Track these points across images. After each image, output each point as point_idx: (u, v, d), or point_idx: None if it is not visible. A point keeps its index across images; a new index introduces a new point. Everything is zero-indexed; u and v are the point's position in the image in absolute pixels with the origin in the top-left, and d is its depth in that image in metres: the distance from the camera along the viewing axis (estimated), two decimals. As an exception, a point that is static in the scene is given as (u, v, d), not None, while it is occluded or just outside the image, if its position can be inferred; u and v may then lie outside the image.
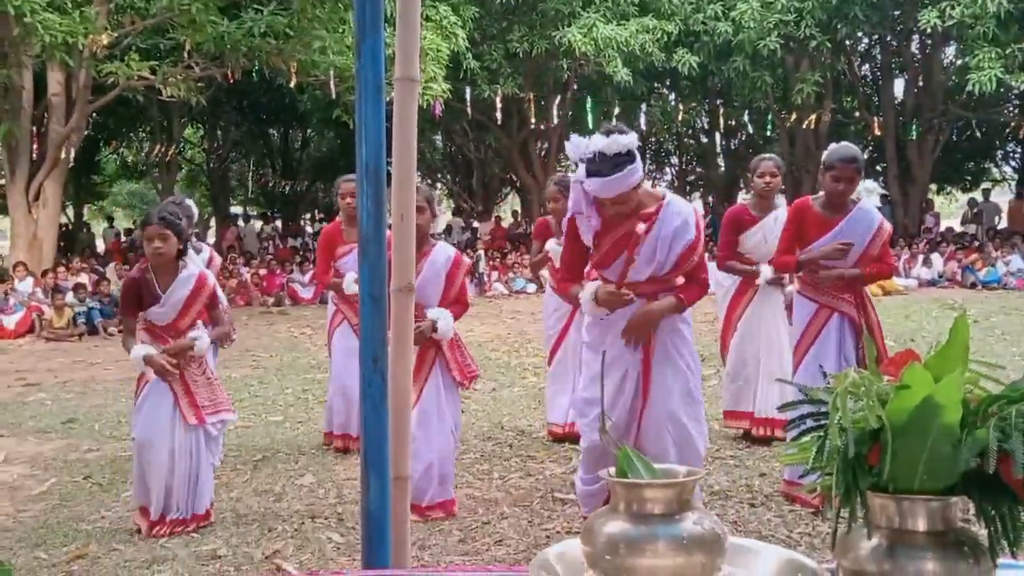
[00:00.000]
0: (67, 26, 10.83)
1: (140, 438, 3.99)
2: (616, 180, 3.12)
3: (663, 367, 3.36)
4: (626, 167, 3.11)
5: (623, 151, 3.10)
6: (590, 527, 1.06)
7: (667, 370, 3.37)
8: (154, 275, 3.98)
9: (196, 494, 4.01)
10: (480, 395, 6.78)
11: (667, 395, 3.35)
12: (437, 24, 13.24)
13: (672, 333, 3.39)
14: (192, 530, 3.97)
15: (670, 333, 3.38)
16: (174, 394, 3.96)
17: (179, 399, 3.96)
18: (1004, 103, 19.86)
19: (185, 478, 3.98)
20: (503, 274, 16.05)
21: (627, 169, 3.11)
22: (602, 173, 3.11)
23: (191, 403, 3.97)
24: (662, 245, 3.28)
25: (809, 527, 3.83)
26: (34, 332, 11.54)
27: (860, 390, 1.02)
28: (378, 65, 2.13)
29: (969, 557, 0.98)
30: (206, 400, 4.01)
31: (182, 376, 3.97)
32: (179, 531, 3.94)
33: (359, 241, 2.19)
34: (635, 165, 3.15)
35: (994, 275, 14.94)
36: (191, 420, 3.96)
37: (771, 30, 15.69)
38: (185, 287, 3.98)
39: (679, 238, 3.29)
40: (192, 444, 4.00)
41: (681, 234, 3.29)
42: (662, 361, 3.36)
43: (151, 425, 3.96)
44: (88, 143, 19.65)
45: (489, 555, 3.61)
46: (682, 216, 3.31)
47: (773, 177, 5.14)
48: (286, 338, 10.67)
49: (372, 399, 2.13)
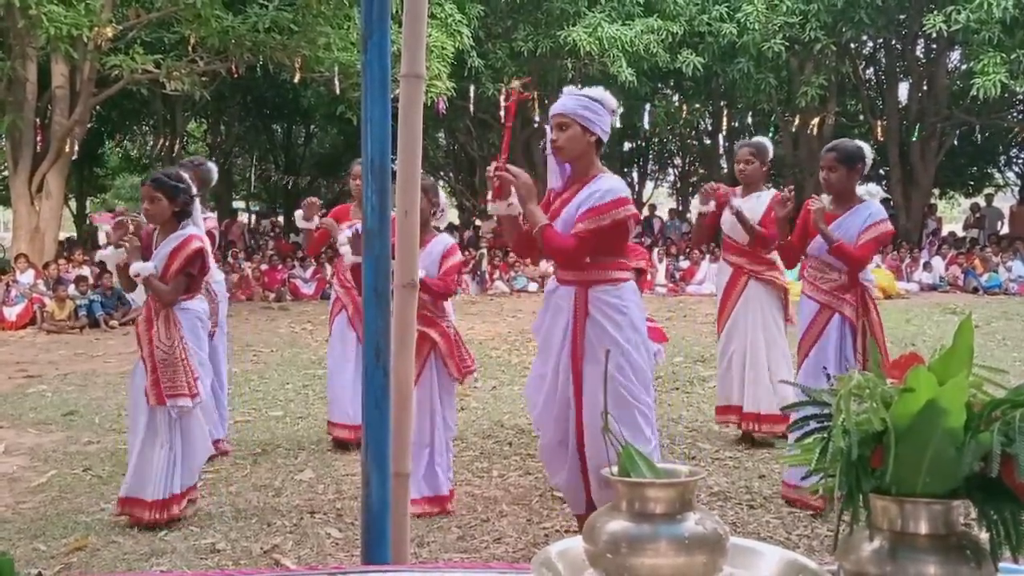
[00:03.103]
0: (72, 19, 10.83)
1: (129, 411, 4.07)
2: (572, 99, 3.30)
3: (593, 364, 3.22)
4: (586, 99, 3.30)
5: (598, 96, 3.33)
6: (592, 525, 1.06)
7: (594, 370, 3.21)
8: (157, 234, 4.11)
9: (170, 475, 3.94)
10: (480, 393, 6.78)
11: (595, 395, 3.21)
12: (442, 22, 13.24)
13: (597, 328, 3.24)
14: (181, 510, 3.97)
15: (594, 326, 3.25)
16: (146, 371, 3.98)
17: (147, 376, 3.96)
18: (1008, 108, 19.83)
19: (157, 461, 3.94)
20: (505, 272, 16.06)
21: (586, 101, 3.30)
22: (567, 94, 3.35)
23: (154, 382, 3.93)
24: (570, 208, 3.31)
25: (808, 529, 3.84)
26: (35, 324, 11.55)
27: (864, 392, 1.02)
28: (384, 61, 2.13)
29: (971, 561, 0.98)
30: (167, 381, 3.93)
31: (151, 354, 3.94)
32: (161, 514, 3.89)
33: (363, 236, 2.20)
34: (596, 107, 3.30)
35: (996, 280, 14.94)
36: (151, 400, 3.93)
37: (776, 32, 15.68)
38: (170, 244, 4.00)
39: (585, 204, 3.28)
40: (159, 423, 3.96)
41: (586, 202, 3.28)
42: (591, 360, 3.23)
43: (133, 405, 4.03)
44: (92, 136, 19.65)
45: (488, 553, 3.61)
46: (600, 189, 3.27)
47: (748, 163, 5.18)
48: (287, 333, 10.67)
49: (374, 394, 2.13)
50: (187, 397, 3.94)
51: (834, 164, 4.11)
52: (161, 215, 3.99)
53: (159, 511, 3.91)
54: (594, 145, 3.34)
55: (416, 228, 2.38)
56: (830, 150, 4.17)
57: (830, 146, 4.22)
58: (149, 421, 3.96)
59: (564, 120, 3.29)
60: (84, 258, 13.94)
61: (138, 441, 3.97)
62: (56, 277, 12.21)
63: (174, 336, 3.96)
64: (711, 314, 5.38)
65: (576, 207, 3.28)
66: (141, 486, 3.92)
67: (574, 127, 3.29)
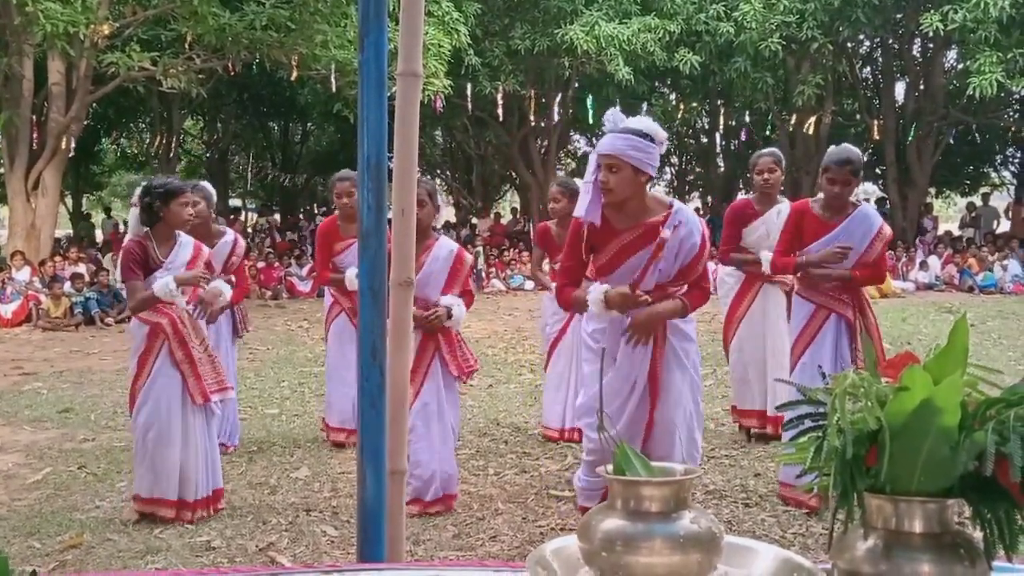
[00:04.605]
0: (68, 15, 10.80)
1: (148, 423, 3.96)
2: (622, 139, 3.14)
3: (672, 370, 3.36)
4: (636, 139, 3.13)
5: (645, 130, 3.17)
6: (587, 523, 1.06)
7: (676, 373, 3.37)
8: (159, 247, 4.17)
9: (213, 471, 4.10)
10: (477, 391, 6.78)
11: (679, 396, 3.36)
12: (439, 20, 13.22)
13: (677, 334, 3.39)
14: (217, 510, 4.07)
15: (675, 334, 3.38)
16: (182, 374, 3.98)
17: (187, 379, 3.98)
18: (1005, 108, 19.85)
19: (202, 457, 4.02)
20: (501, 271, 16.06)
21: (636, 141, 3.13)
22: (614, 132, 3.17)
23: (197, 382, 3.99)
24: (668, 254, 3.24)
25: (803, 528, 3.84)
26: (31, 321, 11.53)
27: (859, 391, 1.02)
28: (381, 59, 2.13)
29: (965, 560, 0.98)
30: (210, 378, 4.05)
31: (189, 354, 3.98)
32: (208, 511, 4.02)
33: (359, 235, 2.19)
34: (647, 146, 3.15)
35: (991, 279, 14.97)
36: (198, 400, 3.99)
37: (773, 31, 15.68)
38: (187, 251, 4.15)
39: (686, 246, 3.26)
40: (202, 423, 4.05)
41: (688, 242, 3.26)
42: (671, 365, 3.36)
43: (162, 408, 3.96)
44: (88, 133, 19.60)
45: (483, 551, 3.61)
46: (690, 225, 3.27)
47: (771, 172, 5.13)
48: (283, 331, 10.66)
49: (370, 393, 2.13)
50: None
51: (849, 178, 3.99)
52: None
53: (204, 508, 4.03)
54: (645, 184, 3.25)
55: (412, 226, 2.38)
56: (845, 163, 3.96)
57: (843, 158, 3.97)
58: (184, 423, 4.00)
59: (614, 162, 3.14)
60: (80, 255, 13.91)
61: (177, 442, 3.97)
62: (52, 274, 12.19)
63: (201, 334, 4.13)
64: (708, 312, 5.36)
65: (674, 254, 3.26)
66: (184, 488, 3.98)
67: (625, 169, 3.13)
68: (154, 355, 3.97)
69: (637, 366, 3.34)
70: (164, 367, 3.97)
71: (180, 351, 3.96)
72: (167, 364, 3.97)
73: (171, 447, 3.96)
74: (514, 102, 17.37)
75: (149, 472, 3.97)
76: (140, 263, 3.99)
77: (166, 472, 3.95)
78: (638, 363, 3.34)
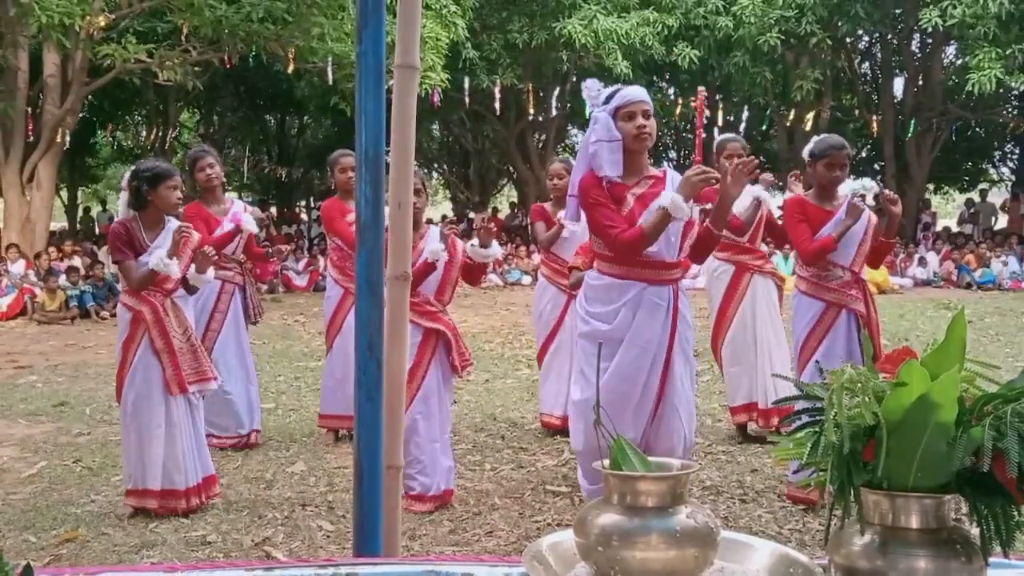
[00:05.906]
0: (64, 7, 10.75)
1: (130, 410, 3.95)
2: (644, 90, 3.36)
3: (679, 355, 3.41)
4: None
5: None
6: (583, 518, 1.05)
7: (680, 357, 3.42)
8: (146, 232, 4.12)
9: (201, 458, 4.07)
10: (473, 386, 6.78)
11: (681, 379, 3.42)
12: (437, 13, 13.18)
13: (684, 322, 3.42)
14: (211, 497, 4.06)
15: (682, 321, 3.41)
16: (160, 363, 3.95)
17: (165, 369, 3.95)
18: (1003, 104, 19.86)
19: (188, 444, 4.00)
20: (498, 265, 16.03)
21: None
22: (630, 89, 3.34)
23: (175, 372, 3.95)
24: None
25: (800, 523, 3.85)
26: (26, 315, 11.51)
27: (856, 386, 1.01)
28: (379, 52, 2.12)
29: (961, 555, 0.98)
30: (189, 368, 4.00)
31: (169, 344, 3.95)
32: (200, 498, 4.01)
33: (356, 227, 2.18)
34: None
35: (989, 276, 14.98)
36: (174, 390, 3.95)
37: (772, 26, 15.66)
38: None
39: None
40: (185, 411, 4.03)
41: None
42: (679, 349, 3.41)
43: (142, 396, 3.95)
44: (83, 125, 19.52)
45: (479, 546, 3.61)
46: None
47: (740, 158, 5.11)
48: (279, 325, 10.64)
49: (367, 387, 2.13)
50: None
51: (847, 161, 4.08)
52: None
53: (196, 495, 4.00)
54: None
55: (409, 220, 2.37)
56: (842, 147, 4.08)
57: (839, 143, 4.10)
58: (167, 411, 3.97)
59: (649, 109, 3.34)
60: (75, 248, 13.88)
61: (162, 433, 3.95)
62: (47, 267, 12.16)
63: (184, 323, 4.07)
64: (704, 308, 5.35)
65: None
66: (171, 477, 3.96)
67: (653, 117, 3.37)
68: (136, 343, 3.96)
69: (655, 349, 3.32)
70: (145, 355, 3.96)
71: (160, 340, 3.94)
72: (148, 353, 3.95)
73: (153, 435, 3.94)
74: (512, 96, 17.35)
75: (136, 460, 3.96)
76: (127, 243, 3.96)
77: (150, 461, 3.93)
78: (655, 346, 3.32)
